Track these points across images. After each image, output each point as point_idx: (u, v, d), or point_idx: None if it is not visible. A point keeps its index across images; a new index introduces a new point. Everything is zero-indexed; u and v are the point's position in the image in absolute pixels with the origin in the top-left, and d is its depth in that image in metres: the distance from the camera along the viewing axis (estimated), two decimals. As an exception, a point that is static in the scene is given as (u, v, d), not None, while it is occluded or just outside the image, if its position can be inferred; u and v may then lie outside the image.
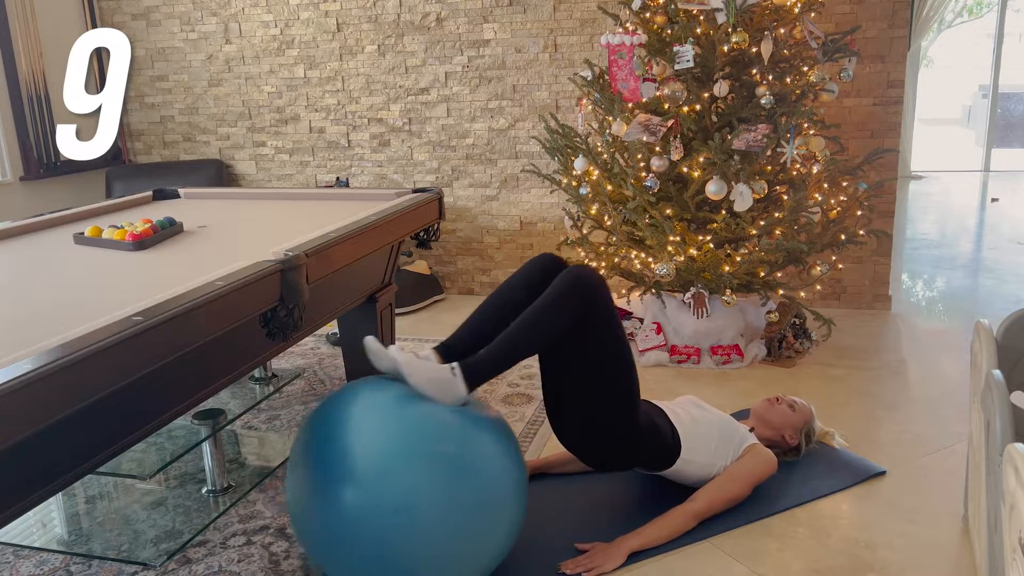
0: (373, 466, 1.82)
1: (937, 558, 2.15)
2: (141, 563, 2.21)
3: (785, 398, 2.65)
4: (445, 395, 1.93)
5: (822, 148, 3.37)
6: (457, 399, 1.95)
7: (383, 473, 1.80)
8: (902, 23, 3.92)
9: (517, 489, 1.96)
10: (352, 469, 1.82)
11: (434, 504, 1.80)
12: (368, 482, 1.80)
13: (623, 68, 3.36)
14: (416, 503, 1.78)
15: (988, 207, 7.59)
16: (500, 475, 1.92)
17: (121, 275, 2.19)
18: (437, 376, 1.95)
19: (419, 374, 1.94)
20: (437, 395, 1.93)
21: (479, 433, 1.93)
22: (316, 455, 1.88)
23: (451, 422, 1.91)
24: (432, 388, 1.93)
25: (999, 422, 1.72)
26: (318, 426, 1.94)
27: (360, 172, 4.82)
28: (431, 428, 1.88)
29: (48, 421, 1.36)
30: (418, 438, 1.86)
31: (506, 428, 2.04)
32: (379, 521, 1.77)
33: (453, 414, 1.92)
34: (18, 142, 4.50)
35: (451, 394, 1.94)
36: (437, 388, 1.93)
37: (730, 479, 2.34)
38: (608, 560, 2.12)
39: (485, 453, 1.91)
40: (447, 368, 1.97)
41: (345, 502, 1.79)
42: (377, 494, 1.78)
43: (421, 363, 1.97)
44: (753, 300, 3.67)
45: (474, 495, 1.85)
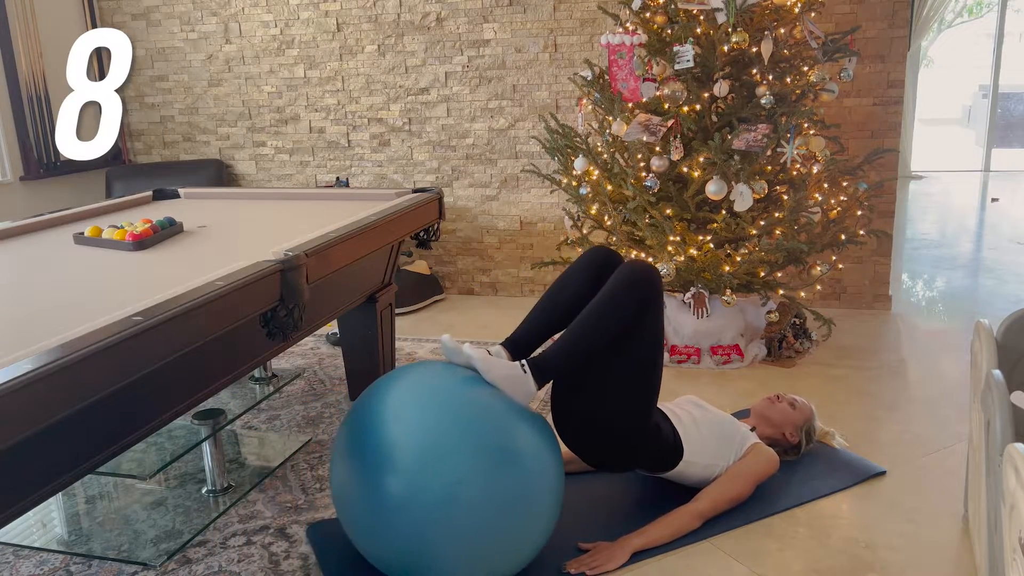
0: (418, 455, 1.85)
1: (937, 558, 2.15)
2: (141, 563, 2.21)
3: (786, 396, 2.65)
4: (517, 391, 2.00)
5: (822, 148, 3.37)
6: (528, 396, 2.02)
7: (428, 462, 1.84)
8: (902, 23, 3.92)
9: (556, 486, 2.00)
10: (397, 457, 1.85)
11: (477, 495, 1.83)
12: (413, 471, 1.84)
13: (623, 68, 3.36)
14: (459, 494, 1.81)
15: (988, 207, 7.59)
16: (541, 471, 1.95)
17: (121, 275, 2.20)
18: (511, 373, 2.02)
19: (495, 371, 2.01)
20: (511, 391, 2.00)
21: (523, 427, 1.96)
22: (363, 440, 1.92)
23: (497, 415, 1.95)
24: (507, 384, 2.00)
25: (999, 422, 1.72)
26: (365, 410, 1.99)
27: (360, 172, 4.82)
28: (477, 418, 1.93)
29: (48, 421, 1.36)
30: (464, 428, 1.90)
31: (547, 426, 2.07)
32: (422, 511, 1.81)
33: (499, 407, 1.96)
34: (18, 142, 4.50)
35: (523, 390, 2.01)
36: (511, 385, 2.00)
37: (733, 479, 2.34)
38: (611, 559, 2.12)
39: (528, 448, 1.94)
40: (518, 365, 2.04)
41: (390, 489, 1.83)
42: (422, 483, 1.82)
43: (495, 360, 2.04)
44: (753, 300, 3.67)
45: (516, 489, 1.88)
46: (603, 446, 2.26)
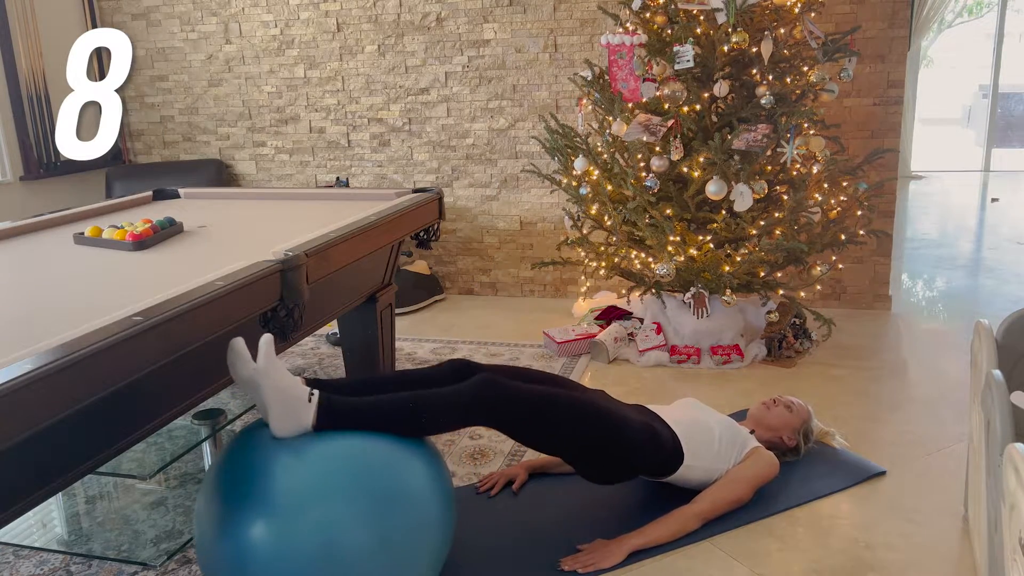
0: (289, 499, 1.69)
1: (937, 558, 2.15)
2: (141, 563, 2.21)
3: (781, 399, 2.64)
4: (287, 417, 1.75)
5: (822, 148, 3.37)
6: (296, 428, 1.76)
7: (299, 509, 1.69)
8: (902, 23, 3.92)
9: (444, 515, 1.88)
10: (266, 503, 1.69)
11: (355, 539, 1.70)
12: (284, 519, 1.68)
13: (623, 68, 3.36)
14: (336, 539, 1.68)
15: (988, 207, 7.58)
16: (427, 499, 1.82)
17: (121, 275, 2.19)
18: (291, 390, 1.76)
19: (275, 378, 1.75)
20: (278, 411, 1.75)
21: (404, 459, 1.82)
22: (228, 486, 1.76)
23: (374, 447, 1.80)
24: (279, 400, 1.75)
25: (999, 422, 1.72)
26: (232, 456, 1.83)
27: (360, 172, 4.82)
28: (351, 458, 1.77)
29: (48, 421, 1.36)
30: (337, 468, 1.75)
31: (432, 450, 1.95)
32: (296, 560, 1.66)
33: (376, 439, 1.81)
34: (18, 142, 4.50)
35: (294, 419, 1.75)
36: (283, 402, 1.75)
37: (733, 482, 2.34)
38: (607, 557, 2.12)
39: (410, 480, 1.80)
40: (305, 391, 1.79)
41: (257, 539, 1.67)
42: (293, 530, 1.67)
43: (283, 370, 1.78)
44: (753, 300, 3.67)
45: (399, 528, 1.75)
46: (601, 473, 2.25)
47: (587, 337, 3.72)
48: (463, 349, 3.85)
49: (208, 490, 1.81)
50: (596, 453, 2.16)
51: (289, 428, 1.77)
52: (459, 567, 2.07)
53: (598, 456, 2.17)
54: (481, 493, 2.51)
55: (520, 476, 2.56)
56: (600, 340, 3.64)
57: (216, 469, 1.84)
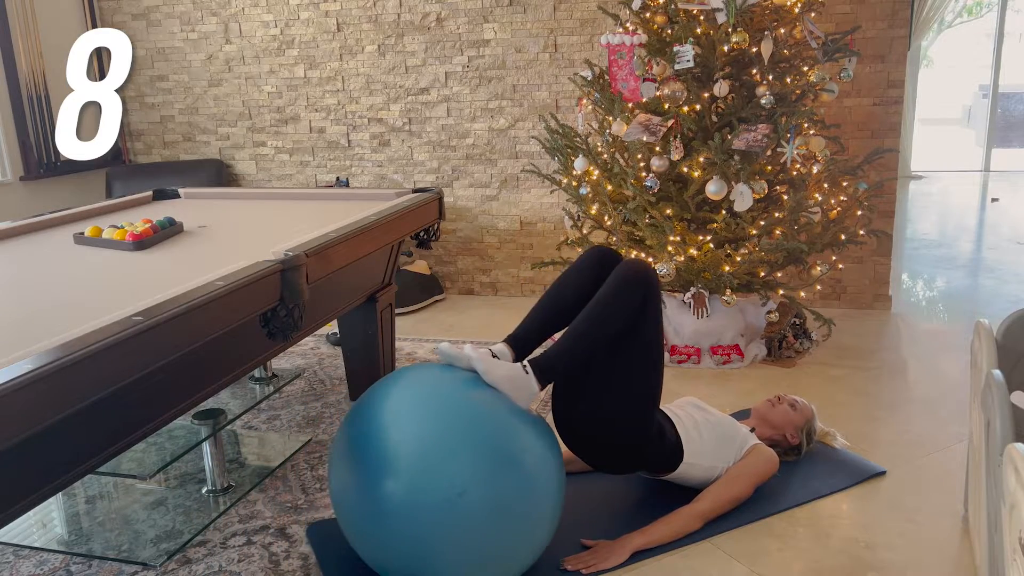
0: (418, 459, 1.83)
1: (937, 558, 2.15)
2: (141, 563, 2.21)
3: (786, 397, 2.65)
4: (519, 393, 1.98)
5: (822, 148, 3.37)
6: (530, 397, 2.00)
7: (428, 467, 1.82)
8: (902, 23, 3.92)
9: (556, 489, 1.98)
10: (397, 462, 1.83)
11: (478, 500, 1.80)
12: (413, 475, 1.81)
13: (623, 68, 3.36)
14: (460, 499, 1.79)
15: (988, 207, 7.58)
16: (542, 474, 1.93)
17: (121, 275, 2.20)
18: (512, 374, 2.00)
19: (495, 372, 1.98)
20: (512, 393, 1.97)
21: (523, 430, 1.94)
22: (361, 445, 1.90)
23: (497, 418, 1.93)
24: (508, 385, 1.98)
25: (999, 422, 1.72)
26: (364, 414, 1.97)
27: (360, 172, 4.82)
28: (477, 422, 1.91)
29: (48, 421, 1.36)
30: (464, 432, 1.88)
31: (547, 428, 2.05)
32: (422, 516, 1.79)
33: (498, 410, 1.94)
34: (18, 142, 4.50)
35: (525, 391, 1.99)
36: (512, 386, 1.98)
37: (733, 480, 2.34)
38: (609, 557, 2.12)
39: (529, 451, 1.92)
40: (519, 366, 2.02)
41: (390, 494, 1.81)
42: (422, 488, 1.80)
43: (495, 362, 2.02)
44: (753, 300, 3.67)
45: (517, 493, 1.86)
46: (606, 448, 2.25)
47: (587, 337, 3.71)
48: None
49: (344, 439, 1.96)
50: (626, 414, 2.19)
51: (525, 400, 2.00)
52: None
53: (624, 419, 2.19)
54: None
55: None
56: (600, 340, 3.64)
57: (347, 429, 1.97)
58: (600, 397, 2.18)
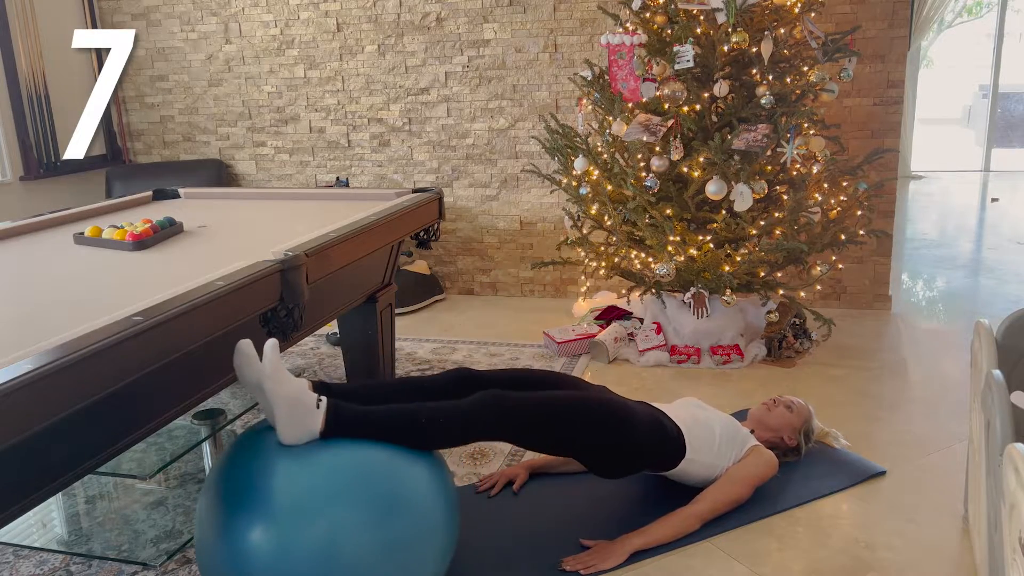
0: (290, 505, 1.68)
1: (937, 558, 2.15)
2: (141, 563, 2.21)
3: (782, 399, 2.64)
4: (295, 423, 1.74)
5: (822, 148, 3.37)
6: (304, 434, 1.75)
7: (302, 514, 1.68)
8: (902, 23, 3.92)
9: (448, 520, 1.88)
10: (267, 508, 1.68)
11: (358, 546, 1.68)
12: (286, 523, 1.67)
13: (623, 68, 3.36)
14: (338, 545, 1.67)
15: (988, 207, 7.58)
16: (431, 505, 1.82)
17: (121, 275, 2.19)
18: (299, 397, 1.75)
19: (282, 384, 1.74)
20: (286, 418, 1.73)
21: (406, 464, 1.81)
22: (229, 490, 1.75)
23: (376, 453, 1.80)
24: (285, 407, 1.73)
25: (999, 422, 1.72)
26: (234, 460, 1.82)
27: (360, 172, 4.82)
28: (354, 462, 1.77)
29: (48, 421, 1.36)
30: (340, 473, 1.74)
31: (435, 455, 1.95)
32: (297, 566, 1.65)
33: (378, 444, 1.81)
34: (18, 142, 4.50)
35: (301, 425, 1.74)
36: (290, 410, 1.74)
37: (732, 481, 2.34)
38: (609, 558, 2.12)
39: (413, 486, 1.79)
40: (313, 397, 1.77)
41: (258, 544, 1.66)
42: (295, 536, 1.65)
43: (290, 376, 1.77)
44: (753, 300, 3.67)
45: (402, 534, 1.74)
46: (606, 466, 2.25)
47: (587, 337, 3.72)
48: (463, 349, 3.85)
49: (210, 492, 1.81)
50: (605, 449, 2.17)
51: (296, 435, 1.75)
52: (459, 567, 2.07)
53: (607, 451, 2.18)
54: (481, 493, 2.52)
55: (520, 476, 2.56)
56: (600, 340, 3.64)
57: (218, 471, 1.84)
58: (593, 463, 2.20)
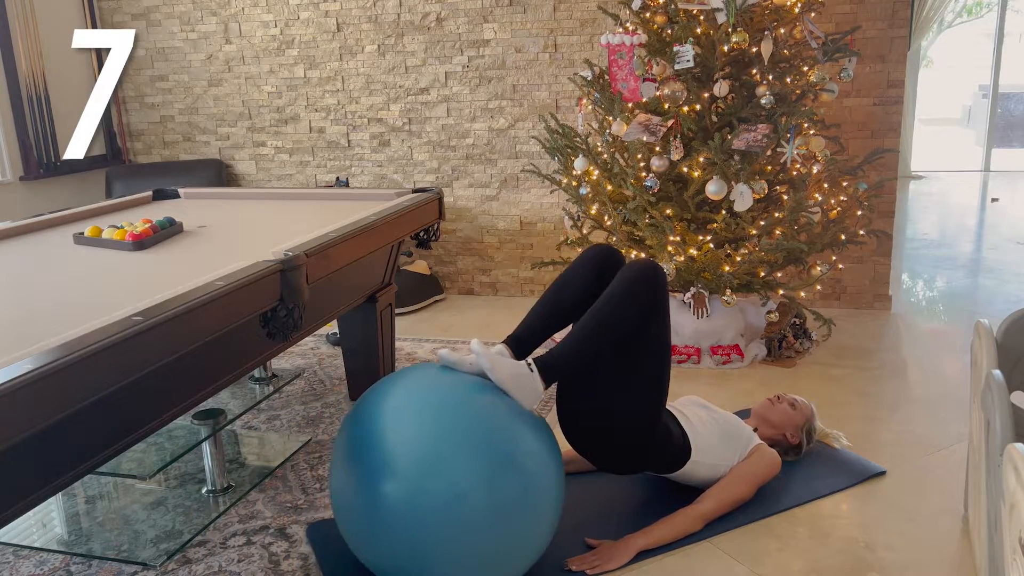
0: (417, 460, 1.82)
1: (937, 558, 2.15)
2: (141, 563, 2.21)
3: (786, 396, 2.65)
4: (524, 392, 1.94)
5: (822, 148, 3.37)
6: (535, 396, 1.96)
7: (428, 468, 1.80)
8: (902, 23, 3.92)
9: (556, 490, 1.96)
10: (397, 463, 1.82)
11: (477, 502, 1.79)
12: (413, 477, 1.80)
13: (623, 68, 3.36)
14: (460, 500, 1.78)
15: (988, 207, 7.58)
16: (542, 476, 1.91)
17: (121, 275, 2.19)
18: (517, 372, 1.96)
19: (500, 370, 1.94)
20: (517, 391, 1.93)
21: (522, 431, 1.92)
22: (361, 446, 1.89)
23: (496, 418, 1.91)
24: (513, 384, 1.94)
25: (999, 422, 1.72)
26: (364, 415, 1.95)
27: (360, 172, 4.82)
28: (476, 423, 1.88)
29: (48, 421, 1.36)
30: (464, 433, 1.86)
31: (547, 429, 2.03)
32: (422, 518, 1.78)
33: (498, 411, 1.92)
34: (18, 142, 4.50)
35: (529, 391, 1.95)
36: (517, 385, 1.94)
37: (736, 481, 2.34)
38: (614, 558, 2.12)
39: (529, 452, 1.90)
40: (524, 364, 1.98)
41: (390, 495, 1.80)
42: (421, 489, 1.78)
43: (500, 360, 1.97)
44: (753, 300, 3.67)
45: (516, 495, 1.84)
46: (612, 449, 2.24)
47: (587, 337, 3.71)
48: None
49: (344, 440, 1.94)
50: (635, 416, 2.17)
51: (530, 399, 1.96)
52: (459, 567, 2.08)
53: (632, 421, 2.17)
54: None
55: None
56: (600, 340, 3.64)
57: (347, 431, 1.95)
58: (607, 399, 2.17)
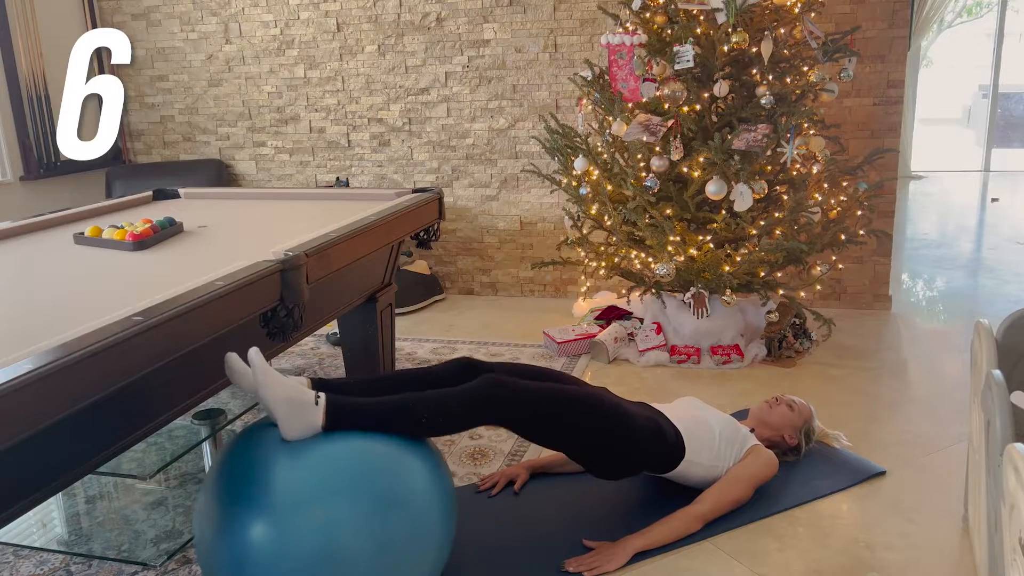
0: (289, 500, 1.69)
1: (937, 558, 2.15)
2: (141, 563, 2.21)
3: (783, 398, 2.65)
4: (295, 421, 1.75)
5: (822, 148, 3.37)
6: (305, 430, 1.76)
7: (300, 509, 1.68)
8: (902, 23, 3.92)
9: (446, 516, 1.87)
10: (267, 504, 1.68)
11: (356, 541, 1.69)
12: (284, 519, 1.68)
13: (623, 68, 3.36)
14: (336, 541, 1.68)
15: (988, 207, 7.58)
16: (427, 504, 1.81)
17: (121, 275, 2.19)
18: (295, 397, 1.76)
19: (275, 388, 1.75)
20: (285, 418, 1.75)
21: (405, 459, 1.82)
22: (228, 486, 1.75)
23: (375, 449, 1.80)
24: (284, 408, 1.75)
25: (999, 422, 1.72)
26: (233, 456, 1.83)
27: (360, 172, 4.82)
28: (353, 458, 1.77)
29: (48, 421, 1.36)
30: (338, 469, 1.74)
31: (433, 450, 1.94)
32: (296, 562, 1.66)
33: (377, 440, 1.80)
34: (18, 142, 4.50)
35: (302, 423, 1.75)
36: (288, 410, 1.75)
37: (733, 481, 2.34)
38: (611, 560, 2.12)
39: (412, 482, 1.80)
40: (311, 394, 1.79)
41: (257, 539, 1.67)
42: (293, 532, 1.66)
43: (281, 377, 1.78)
44: (753, 300, 3.67)
45: (400, 529, 1.74)
46: (606, 468, 2.26)
47: (587, 337, 3.72)
48: (463, 349, 3.85)
49: (209, 489, 1.81)
50: (603, 449, 2.17)
51: (298, 431, 1.77)
52: (460, 568, 2.07)
53: (605, 451, 2.18)
54: (481, 493, 2.52)
55: (521, 476, 2.56)
56: (600, 340, 3.64)
57: (217, 468, 1.84)
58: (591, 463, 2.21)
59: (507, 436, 2.90)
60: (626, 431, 2.18)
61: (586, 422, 2.12)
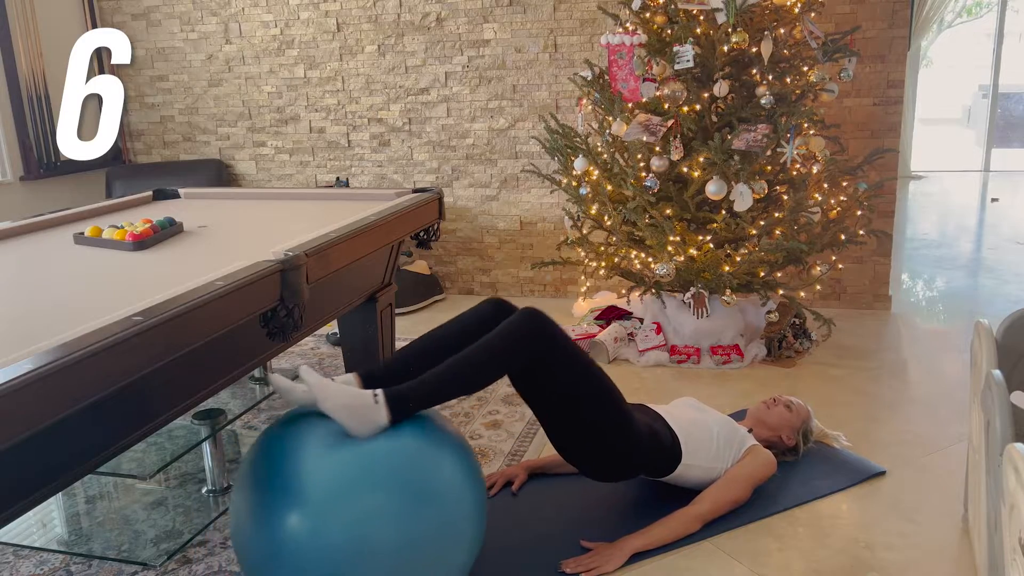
0: (323, 493, 1.71)
1: (937, 558, 2.15)
2: (141, 563, 2.21)
3: (781, 398, 2.65)
4: (361, 423, 1.77)
5: (822, 148, 3.37)
6: (375, 428, 1.79)
7: (334, 501, 1.70)
8: (902, 23, 3.92)
9: (477, 511, 1.88)
10: (301, 495, 1.71)
11: (388, 535, 1.71)
12: (318, 511, 1.70)
13: (623, 68, 3.36)
14: (368, 534, 1.70)
15: (988, 207, 7.58)
16: (459, 499, 1.82)
17: (121, 275, 2.19)
18: (354, 402, 1.78)
19: (333, 398, 1.77)
20: (351, 423, 1.77)
21: (438, 455, 1.83)
22: (264, 477, 1.78)
23: (408, 444, 1.81)
24: (346, 415, 1.77)
25: (999, 422, 1.72)
26: (269, 446, 1.85)
27: (360, 172, 4.82)
28: (386, 452, 1.78)
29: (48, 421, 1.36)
30: (372, 463, 1.76)
31: (465, 446, 1.95)
32: (328, 553, 1.68)
33: (410, 435, 1.82)
34: (18, 142, 4.50)
35: (369, 423, 1.78)
36: (352, 415, 1.77)
37: (732, 482, 2.34)
38: (609, 560, 2.12)
39: (444, 477, 1.81)
40: (368, 394, 1.80)
41: (291, 530, 1.69)
42: (327, 524, 1.69)
43: (336, 386, 1.81)
44: (753, 300, 3.67)
45: (432, 524, 1.76)
46: (601, 467, 2.26)
47: (587, 337, 3.72)
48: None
49: (244, 479, 1.84)
50: (602, 440, 2.17)
51: (367, 431, 1.79)
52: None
53: (602, 444, 2.17)
54: (481, 493, 2.51)
55: (519, 476, 2.56)
56: (600, 340, 3.64)
57: (252, 458, 1.87)
58: (571, 435, 2.18)
59: (507, 436, 2.90)
60: (627, 427, 2.19)
61: (601, 400, 2.13)
